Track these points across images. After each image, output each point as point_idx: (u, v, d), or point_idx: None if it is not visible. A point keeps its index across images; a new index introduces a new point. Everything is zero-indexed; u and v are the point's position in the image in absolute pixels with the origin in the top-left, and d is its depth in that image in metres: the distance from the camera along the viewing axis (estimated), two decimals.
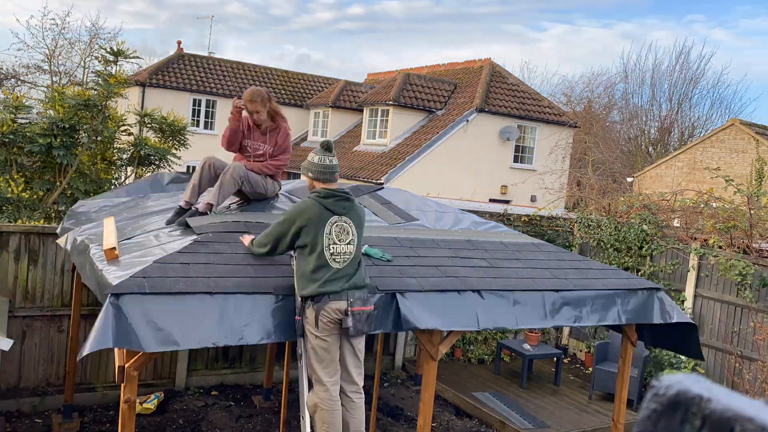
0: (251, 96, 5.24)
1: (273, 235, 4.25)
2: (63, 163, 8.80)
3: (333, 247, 4.14)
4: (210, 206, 4.98)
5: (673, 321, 5.61)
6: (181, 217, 4.94)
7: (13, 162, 8.84)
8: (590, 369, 9.82)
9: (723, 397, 0.63)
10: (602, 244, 10.31)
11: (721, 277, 8.68)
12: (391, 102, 20.29)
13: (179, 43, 25.30)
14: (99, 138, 9.34)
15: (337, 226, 4.18)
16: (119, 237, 4.77)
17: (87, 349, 3.42)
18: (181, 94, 23.26)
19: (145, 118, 10.10)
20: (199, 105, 23.79)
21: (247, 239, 4.49)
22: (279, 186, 5.61)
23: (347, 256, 4.18)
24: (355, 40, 78.75)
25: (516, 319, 4.87)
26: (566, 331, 11.16)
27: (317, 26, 77.50)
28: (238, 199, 5.50)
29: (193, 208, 5.01)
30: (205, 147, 22.93)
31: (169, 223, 4.94)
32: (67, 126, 8.70)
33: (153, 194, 6.45)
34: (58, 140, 8.62)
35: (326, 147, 4.39)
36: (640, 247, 9.79)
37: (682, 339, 5.93)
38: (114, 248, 4.30)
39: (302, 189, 5.96)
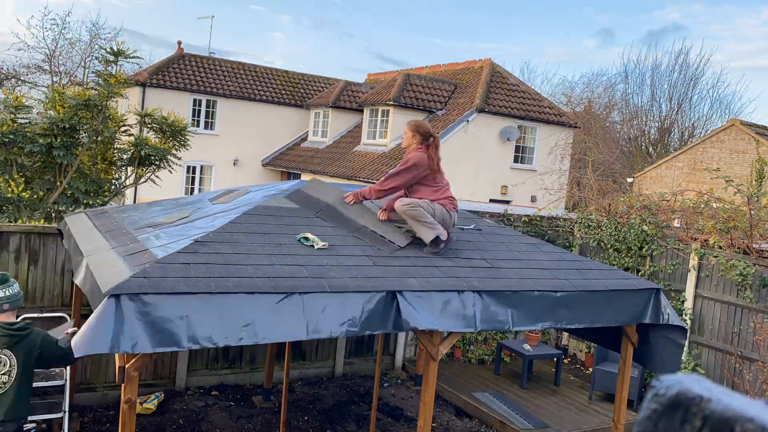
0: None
1: None
2: (63, 163, 8.80)
3: None
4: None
5: (669, 323, 5.61)
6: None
7: (13, 162, 8.84)
8: (590, 369, 9.82)
9: (723, 398, 0.63)
10: (602, 244, 10.31)
11: (722, 278, 8.68)
12: (391, 102, 20.29)
13: (179, 43, 25.31)
14: (99, 138, 9.34)
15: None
16: (121, 238, 4.77)
17: (83, 351, 3.42)
18: (182, 94, 23.25)
19: (146, 119, 10.10)
20: (200, 105, 23.79)
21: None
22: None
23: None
24: None
25: (515, 319, 4.87)
26: (566, 331, 11.17)
27: None
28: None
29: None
30: (205, 147, 23.03)
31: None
32: (68, 126, 8.70)
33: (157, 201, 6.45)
34: (59, 140, 8.61)
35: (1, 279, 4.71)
36: (640, 248, 9.79)
37: (665, 350, 5.81)
38: None
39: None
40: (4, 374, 4.64)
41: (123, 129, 9.82)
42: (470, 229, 6.12)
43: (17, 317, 4.95)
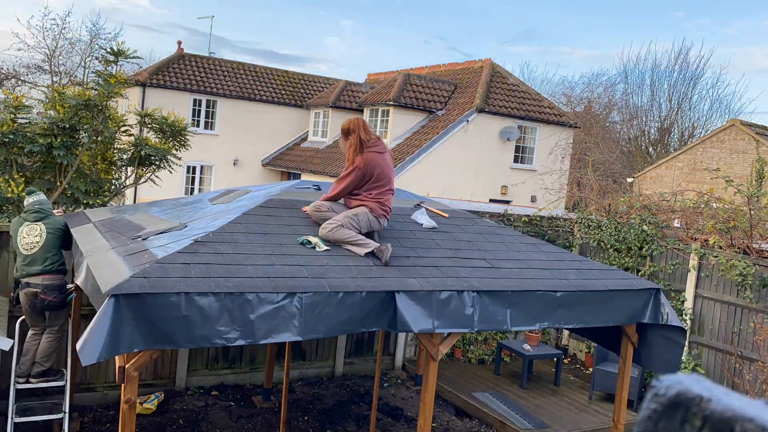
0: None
1: None
2: (63, 164, 8.80)
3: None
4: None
5: (669, 323, 5.61)
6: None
7: (13, 162, 8.84)
8: (590, 369, 9.82)
9: (723, 398, 0.63)
10: (602, 244, 10.31)
11: (722, 278, 8.68)
12: (391, 102, 20.28)
13: (179, 43, 25.30)
14: (99, 138, 9.34)
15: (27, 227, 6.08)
16: (121, 238, 4.77)
17: (90, 359, 3.42)
18: (182, 94, 23.24)
19: (146, 119, 10.09)
20: (200, 105, 23.78)
21: None
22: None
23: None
24: None
25: (514, 319, 4.87)
26: (566, 331, 11.16)
27: None
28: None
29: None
30: (205, 147, 23.03)
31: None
32: (68, 126, 8.70)
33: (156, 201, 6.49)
34: (59, 140, 8.61)
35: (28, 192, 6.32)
36: (640, 248, 9.79)
37: (665, 350, 5.79)
38: None
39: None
40: (36, 236, 6.03)
41: (123, 129, 9.81)
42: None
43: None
